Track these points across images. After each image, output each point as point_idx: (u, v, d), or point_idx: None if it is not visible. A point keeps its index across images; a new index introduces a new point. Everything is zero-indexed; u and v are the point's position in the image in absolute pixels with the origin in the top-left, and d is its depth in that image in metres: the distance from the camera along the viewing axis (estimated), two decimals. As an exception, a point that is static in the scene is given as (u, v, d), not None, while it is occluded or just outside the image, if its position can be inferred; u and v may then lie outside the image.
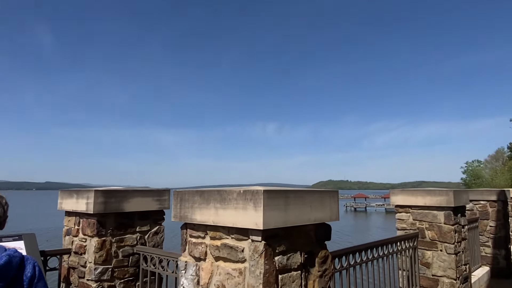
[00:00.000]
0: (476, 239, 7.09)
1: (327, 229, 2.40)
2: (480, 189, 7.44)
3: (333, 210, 2.39)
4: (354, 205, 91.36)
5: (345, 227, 50.70)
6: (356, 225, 56.75)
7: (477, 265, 7.04)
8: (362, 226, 55.80)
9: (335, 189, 2.47)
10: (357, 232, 47.04)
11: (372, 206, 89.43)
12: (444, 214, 4.60)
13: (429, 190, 4.73)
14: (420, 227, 4.79)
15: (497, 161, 67.90)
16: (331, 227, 2.44)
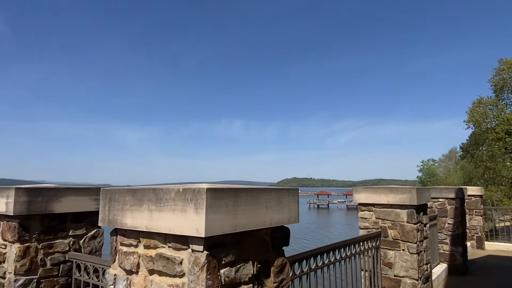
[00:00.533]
0: (435, 237, 7.13)
1: (286, 233, 2.09)
2: (440, 187, 7.51)
3: (292, 211, 2.08)
4: (317, 202, 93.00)
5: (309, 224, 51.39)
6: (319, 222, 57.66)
7: (435, 262, 7.08)
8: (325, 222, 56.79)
9: (295, 187, 2.17)
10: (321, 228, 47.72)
11: (334, 203, 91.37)
12: (407, 213, 4.47)
13: (393, 188, 4.58)
14: (383, 226, 4.63)
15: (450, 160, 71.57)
16: (290, 231, 2.13)
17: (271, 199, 1.91)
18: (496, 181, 32.78)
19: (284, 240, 2.07)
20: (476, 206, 10.31)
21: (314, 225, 50.95)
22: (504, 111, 30.60)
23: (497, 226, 14.62)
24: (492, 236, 10.97)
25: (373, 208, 4.74)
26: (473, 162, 35.65)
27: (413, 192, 4.40)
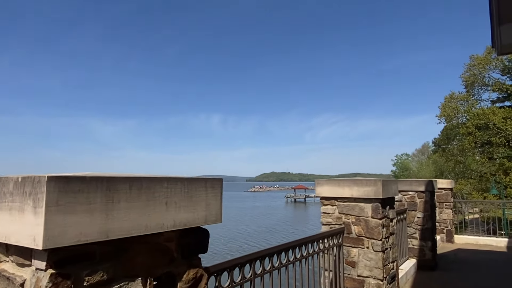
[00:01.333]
0: (404, 231, 6.86)
1: (201, 237, 1.61)
2: (409, 180, 7.24)
3: (212, 208, 1.60)
4: (294, 196, 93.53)
5: (286, 217, 51.39)
6: (295, 215, 57.84)
7: (404, 257, 6.82)
8: (302, 216, 56.98)
9: (217, 178, 1.69)
10: (297, 222, 47.80)
11: (311, 197, 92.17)
12: (372, 207, 4.09)
13: (356, 180, 4.19)
14: (347, 221, 4.24)
15: (423, 155, 73.39)
16: (209, 233, 1.65)
17: (175, 193, 1.42)
18: (466, 174, 33.60)
19: (199, 247, 1.59)
20: (447, 199, 10.19)
21: (291, 218, 51.05)
22: (474, 106, 31.26)
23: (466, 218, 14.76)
24: (461, 228, 10.92)
25: (336, 202, 4.34)
26: (445, 156, 36.42)
27: (379, 185, 4.02)
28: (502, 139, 27.35)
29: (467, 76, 31.71)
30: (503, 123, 27.05)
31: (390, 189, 4.31)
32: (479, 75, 31.40)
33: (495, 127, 28.02)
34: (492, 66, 31.10)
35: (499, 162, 27.89)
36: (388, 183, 4.26)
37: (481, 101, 32.68)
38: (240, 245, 22.37)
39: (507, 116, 26.43)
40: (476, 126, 28.85)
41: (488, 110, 28.76)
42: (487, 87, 32.33)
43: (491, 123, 28.00)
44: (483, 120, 28.47)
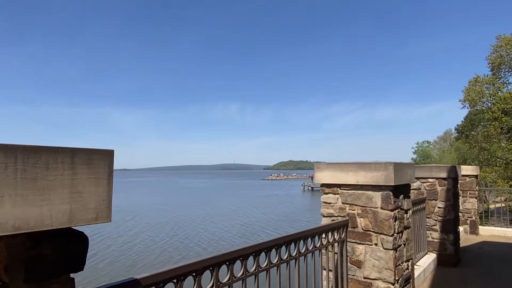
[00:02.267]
0: (422, 223, 6.11)
1: (69, 246, 0.97)
2: (429, 165, 6.45)
3: (85, 197, 0.96)
4: (312, 184, 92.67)
5: (304, 205, 50.75)
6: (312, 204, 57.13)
7: (422, 252, 6.09)
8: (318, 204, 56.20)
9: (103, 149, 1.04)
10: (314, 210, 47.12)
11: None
12: (382, 196, 3.38)
13: (363, 163, 3.48)
14: (351, 213, 3.55)
15: (445, 142, 71.07)
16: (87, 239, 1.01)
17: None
18: (491, 162, 32.02)
19: (63, 262, 0.95)
20: (471, 187, 9.30)
21: (308, 206, 50.36)
22: (501, 90, 29.54)
23: (491, 207, 13.75)
24: (486, 218, 9.99)
25: (339, 190, 3.65)
26: (468, 142, 34.83)
27: (390, 169, 3.30)
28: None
29: (493, 58, 29.91)
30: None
31: (405, 174, 3.59)
32: (506, 57, 29.57)
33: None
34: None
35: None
36: (402, 167, 3.53)
37: (508, 84, 30.85)
38: (258, 234, 21.98)
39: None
40: (502, 111, 27.26)
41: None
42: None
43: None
44: (510, 104, 26.83)
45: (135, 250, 18.10)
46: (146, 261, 16.18)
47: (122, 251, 17.98)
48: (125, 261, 16.13)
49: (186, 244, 19.43)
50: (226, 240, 20.41)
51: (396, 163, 3.37)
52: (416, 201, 5.89)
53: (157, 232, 22.98)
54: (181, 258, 16.49)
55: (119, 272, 14.57)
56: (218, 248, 18.37)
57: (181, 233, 22.52)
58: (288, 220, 27.48)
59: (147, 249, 18.46)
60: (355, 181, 3.49)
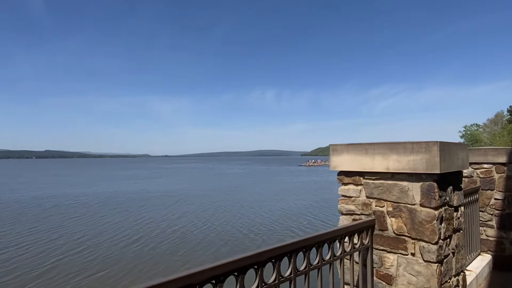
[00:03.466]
0: (475, 218, 5.02)
1: None
2: (484, 148, 5.29)
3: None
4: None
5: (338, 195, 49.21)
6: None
7: (475, 253, 5.02)
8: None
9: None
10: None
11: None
12: (422, 188, 2.44)
13: (396, 144, 2.53)
14: (379, 210, 2.64)
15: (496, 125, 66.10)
16: None
17: None
18: (551, 145, 28.95)
19: None
20: (533, 174, 7.89)
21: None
22: None
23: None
24: None
25: (362, 179, 2.74)
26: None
27: (434, 151, 2.34)
28: None
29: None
30: None
31: (455, 158, 2.60)
32: None
33: None
34: None
35: None
36: (452, 148, 2.55)
37: None
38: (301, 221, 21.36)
39: None
40: None
41: None
42: None
43: None
44: None
45: (178, 235, 18.12)
46: (188, 246, 16.08)
47: (165, 236, 18.05)
48: (168, 246, 16.11)
49: (228, 230, 19.23)
50: (266, 227, 20.04)
51: (442, 143, 2.40)
52: (468, 191, 4.81)
53: (199, 217, 23.01)
54: (223, 244, 16.29)
55: (166, 258, 14.53)
56: (259, 235, 18.01)
57: (222, 219, 22.40)
58: (329, 207, 26.49)
59: (189, 234, 18.42)
60: (385, 168, 2.57)
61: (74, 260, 14.27)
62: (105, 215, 24.59)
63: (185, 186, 46.61)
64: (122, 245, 16.45)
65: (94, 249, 15.87)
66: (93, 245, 16.46)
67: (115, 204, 29.82)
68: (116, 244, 16.61)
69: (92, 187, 46.04)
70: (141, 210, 26.68)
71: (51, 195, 36.51)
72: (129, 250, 15.72)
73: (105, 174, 79.93)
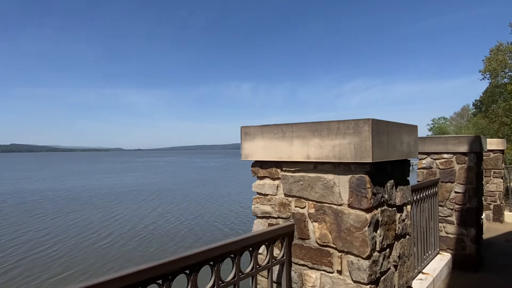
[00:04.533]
0: (433, 213, 4.52)
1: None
2: (444, 136, 4.80)
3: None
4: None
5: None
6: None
7: (433, 251, 4.53)
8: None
9: None
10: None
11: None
12: (350, 183, 1.80)
13: (318, 124, 1.88)
14: (299, 212, 1.99)
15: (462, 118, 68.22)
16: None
17: None
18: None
19: None
20: (496, 165, 7.59)
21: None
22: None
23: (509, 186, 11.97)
24: (506, 195, 8.22)
25: (279, 172, 2.08)
26: (487, 117, 32.58)
27: (365, 132, 1.70)
28: (559, 95, 23.35)
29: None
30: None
31: (397, 142, 1.98)
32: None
33: (551, 81, 24.02)
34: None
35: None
36: (392, 129, 1.92)
37: (535, 52, 28.27)
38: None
39: None
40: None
41: (543, 62, 24.63)
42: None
43: (547, 77, 23.97)
44: (537, 74, 24.41)
45: (150, 231, 17.22)
46: (161, 242, 15.26)
47: (136, 232, 17.10)
48: (139, 243, 15.21)
49: (202, 225, 18.53)
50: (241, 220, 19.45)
51: (377, 121, 1.76)
52: (425, 184, 4.30)
53: (172, 212, 22.15)
54: (197, 239, 15.52)
55: (130, 254, 13.64)
56: (234, 229, 17.37)
57: (196, 213, 21.70)
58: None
59: (161, 230, 17.55)
60: (305, 156, 1.91)
61: (37, 259, 13.16)
62: (73, 211, 23.26)
63: (158, 180, 45.31)
64: (90, 243, 15.40)
65: (60, 247, 14.74)
66: (59, 243, 15.31)
67: (84, 200, 28.38)
68: (84, 242, 15.55)
69: (61, 182, 43.92)
70: (112, 205, 25.45)
71: (16, 191, 34.45)
72: (98, 248, 14.71)
73: (75, 169, 76.92)
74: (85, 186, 38.05)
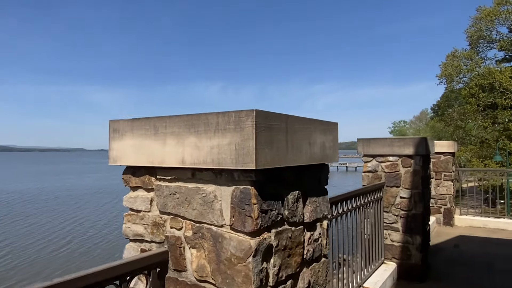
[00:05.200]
0: (378, 220, 4.20)
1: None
2: (390, 138, 4.51)
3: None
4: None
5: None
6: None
7: (377, 262, 4.20)
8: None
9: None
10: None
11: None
12: (232, 197, 1.33)
13: (194, 116, 1.40)
14: (173, 236, 1.50)
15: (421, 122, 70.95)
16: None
17: None
18: (466, 140, 31.09)
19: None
20: (446, 168, 7.50)
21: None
22: (479, 65, 28.16)
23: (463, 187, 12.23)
24: (458, 198, 8.18)
25: (154, 180, 1.59)
26: (443, 120, 33.78)
27: (247, 128, 1.24)
28: (508, 101, 24.43)
29: (472, 31, 28.38)
30: (510, 83, 24.11)
31: (303, 142, 1.54)
32: (485, 31, 28.08)
33: (501, 87, 25.10)
34: (501, 20, 27.66)
35: (503, 127, 25.24)
36: (292, 124, 1.47)
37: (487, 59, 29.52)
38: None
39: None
40: (480, 87, 25.99)
41: (494, 69, 25.74)
42: (493, 43, 29.05)
43: (497, 83, 25.05)
44: (488, 80, 25.48)
45: (115, 236, 16.07)
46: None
47: (101, 237, 15.89)
48: (104, 249, 14.06)
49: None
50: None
51: (265, 113, 1.30)
52: (369, 189, 3.96)
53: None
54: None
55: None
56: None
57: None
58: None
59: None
60: (179, 160, 1.43)
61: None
62: (30, 215, 21.55)
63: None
64: (50, 250, 14.16)
65: (16, 255, 13.39)
66: (15, 251, 13.93)
67: (42, 203, 26.52)
68: (43, 249, 14.28)
69: (16, 184, 41.07)
70: (73, 209, 23.90)
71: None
72: (58, 254, 13.53)
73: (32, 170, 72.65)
74: (44, 189, 35.80)
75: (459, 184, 9.56)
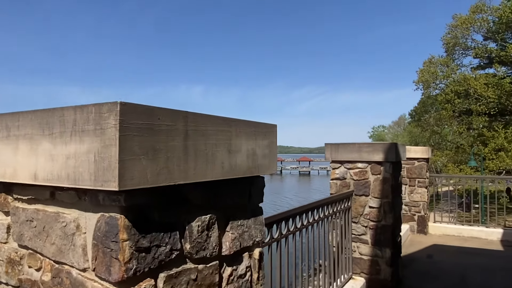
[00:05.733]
0: (346, 231, 3.86)
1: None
2: (358, 143, 4.18)
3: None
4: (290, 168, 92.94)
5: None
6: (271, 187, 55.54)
7: (345, 276, 3.85)
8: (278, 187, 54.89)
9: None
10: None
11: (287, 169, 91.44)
12: (96, 228, 0.91)
13: (49, 111, 0.98)
14: (29, 279, 1.07)
15: (399, 127, 72.11)
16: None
17: None
18: (442, 146, 31.52)
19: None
20: (420, 174, 7.28)
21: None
22: (454, 72, 28.65)
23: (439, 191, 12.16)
24: (432, 203, 7.96)
25: (10, 200, 1.15)
26: (420, 126, 34.23)
27: (110, 129, 0.82)
28: (482, 107, 24.82)
29: (448, 38, 28.84)
30: (485, 89, 24.52)
31: (214, 150, 1.13)
32: (461, 38, 28.61)
33: (476, 93, 25.48)
34: (476, 27, 28.18)
35: (478, 132, 25.66)
36: (199, 124, 1.07)
37: (462, 66, 30.09)
38: None
39: (489, 82, 23.92)
40: (455, 93, 26.39)
41: (469, 76, 26.15)
42: (469, 50, 29.55)
43: (472, 90, 25.43)
44: (464, 86, 25.88)
45: None
46: None
47: None
48: None
49: None
50: None
51: (135, 107, 0.89)
52: (335, 198, 3.61)
53: None
54: None
55: None
56: None
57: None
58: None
59: None
60: (32, 174, 1.01)
61: None
62: None
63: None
64: None
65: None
66: None
67: None
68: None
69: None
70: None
71: None
72: None
73: None
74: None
75: (435, 189, 9.43)
